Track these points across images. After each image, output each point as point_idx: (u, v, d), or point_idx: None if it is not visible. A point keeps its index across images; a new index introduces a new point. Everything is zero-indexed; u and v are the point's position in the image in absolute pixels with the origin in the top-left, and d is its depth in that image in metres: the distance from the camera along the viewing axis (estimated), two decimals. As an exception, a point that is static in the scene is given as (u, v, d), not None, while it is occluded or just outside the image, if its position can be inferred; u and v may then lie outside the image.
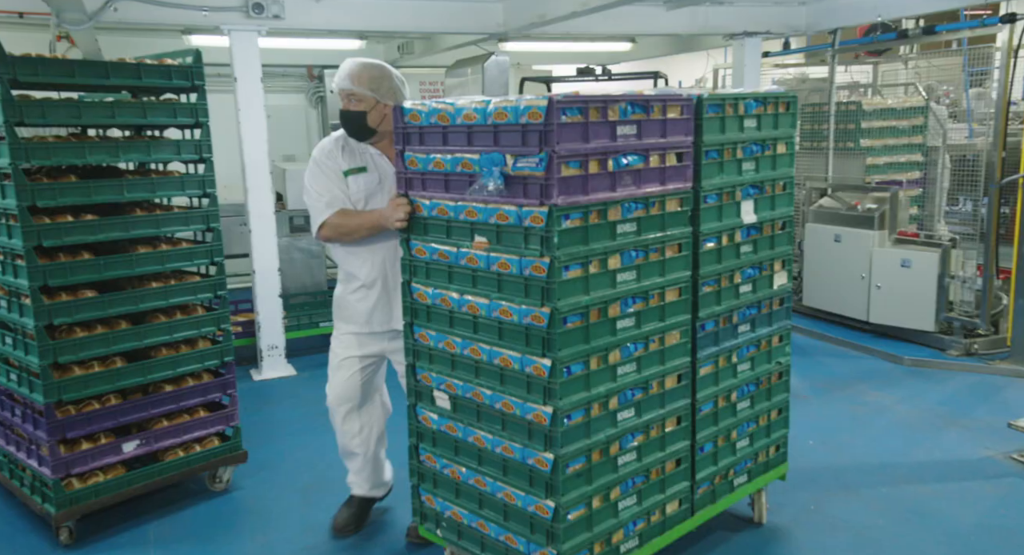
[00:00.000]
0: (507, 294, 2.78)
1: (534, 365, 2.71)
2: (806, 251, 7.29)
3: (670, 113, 2.90)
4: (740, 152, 3.23)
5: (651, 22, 7.41)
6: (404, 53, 8.94)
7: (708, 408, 3.26)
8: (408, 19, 6.64)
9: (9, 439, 3.95)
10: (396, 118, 3.04)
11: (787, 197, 3.50)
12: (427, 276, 3.06)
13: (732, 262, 3.24)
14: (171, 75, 3.85)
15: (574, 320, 2.70)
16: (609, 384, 2.84)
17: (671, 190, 2.94)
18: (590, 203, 2.68)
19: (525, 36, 7.62)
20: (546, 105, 2.54)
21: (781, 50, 8.23)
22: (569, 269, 2.66)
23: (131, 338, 3.82)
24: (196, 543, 3.76)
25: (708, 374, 3.24)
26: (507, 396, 2.83)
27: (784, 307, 3.57)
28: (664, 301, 2.98)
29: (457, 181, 2.88)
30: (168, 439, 3.96)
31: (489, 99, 2.76)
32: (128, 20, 5.55)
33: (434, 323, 3.07)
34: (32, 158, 3.48)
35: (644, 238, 2.88)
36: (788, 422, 3.71)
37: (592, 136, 2.66)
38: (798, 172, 7.65)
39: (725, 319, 3.27)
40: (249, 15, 5.69)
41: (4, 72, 3.34)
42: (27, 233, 3.45)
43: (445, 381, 3.06)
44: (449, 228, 2.95)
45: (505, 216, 2.73)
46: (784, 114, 3.42)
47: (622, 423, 2.90)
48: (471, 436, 2.99)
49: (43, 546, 3.73)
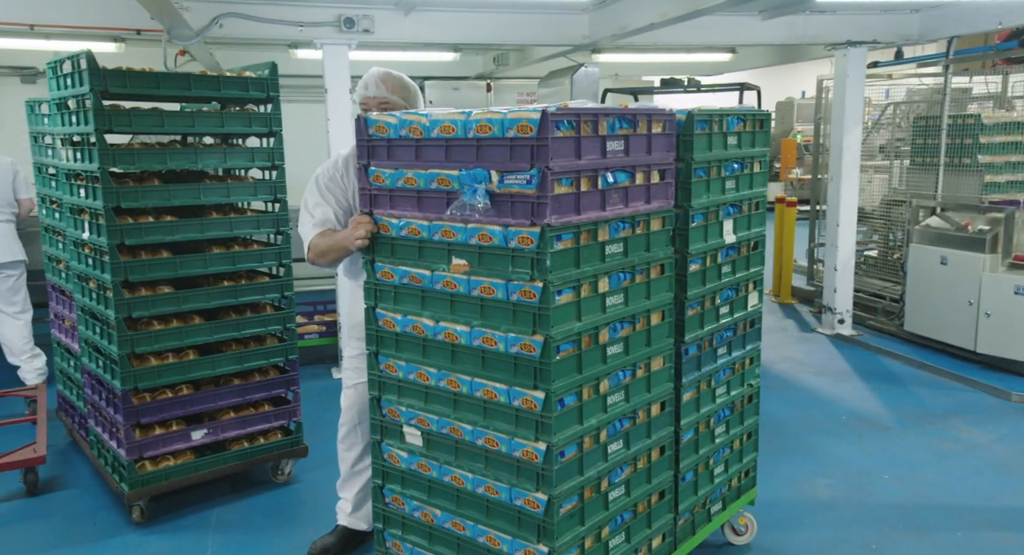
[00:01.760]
0: (491, 321, 2.56)
1: (524, 397, 2.50)
2: (910, 273, 6.87)
3: (654, 128, 2.76)
4: (723, 170, 3.13)
5: (746, 33, 7.18)
6: (499, 64, 9.09)
7: (690, 436, 3.12)
8: (494, 32, 6.77)
9: (98, 421, 4.29)
10: (359, 129, 2.79)
11: (759, 217, 3.41)
12: (395, 301, 2.81)
13: (715, 283, 3.13)
14: (248, 87, 4.13)
15: (567, 348, 2.51)
16: (600, 415, 2.65)
17: (655, 208, 2.79)
18: (582, 223, 2.50)
19: (617, 47, 7.58)
20: (538, 118, 2.35)
21: (893, 60, 7.84)
22: (562, 293, 2.47)
23: (203, 333, 4.07)
24: (252, 530, 3.92)
25: (691, 400, 3.10)
26: (491, 431, 2.61)
27: (755, 328, 3.48)
28: (650, 325, 2.83)
29: (432, 199, 2.64)
30: (233, 430, 4.19)
31: (471, 110, 2.55)
32: (232, 35, 5.92)
33: (404, 352, 2.82)
34: (119, 163, 3.79)
35: (631, 259, 2.72)
36: (757, 445, 3.61)
37: (584, 151, 2.49)
38: (906, 188, 7.47)
39: (707, 342, 3.15)
40: (341, 30, 6.02)
41: (96, 84, 3.66)
42: (111, 231, 3.77)
43: (417, 415, 2.81)
44: (421, 249, 2.71)
45: (489, 237, 2.51)
46: (759, 132, 3.33)
47: (613, 456, 2.72)
48: (448, 475, 2.75)
49: (119, 522, 4.01)
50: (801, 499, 4.17)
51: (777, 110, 17.86)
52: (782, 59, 9.36)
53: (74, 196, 4.14)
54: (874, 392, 5.88)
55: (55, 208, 4.67)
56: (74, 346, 4.60)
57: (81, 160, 3.95)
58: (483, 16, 6.67)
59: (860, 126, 7.32)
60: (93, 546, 3.80)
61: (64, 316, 4.80)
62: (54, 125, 4.33)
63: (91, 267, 4.05)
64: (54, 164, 4.49)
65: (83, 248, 4.14)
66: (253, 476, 4.45)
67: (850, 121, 7.18)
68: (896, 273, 7.61)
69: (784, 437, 4.99)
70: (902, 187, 7.76)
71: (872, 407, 5.56)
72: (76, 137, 4.01)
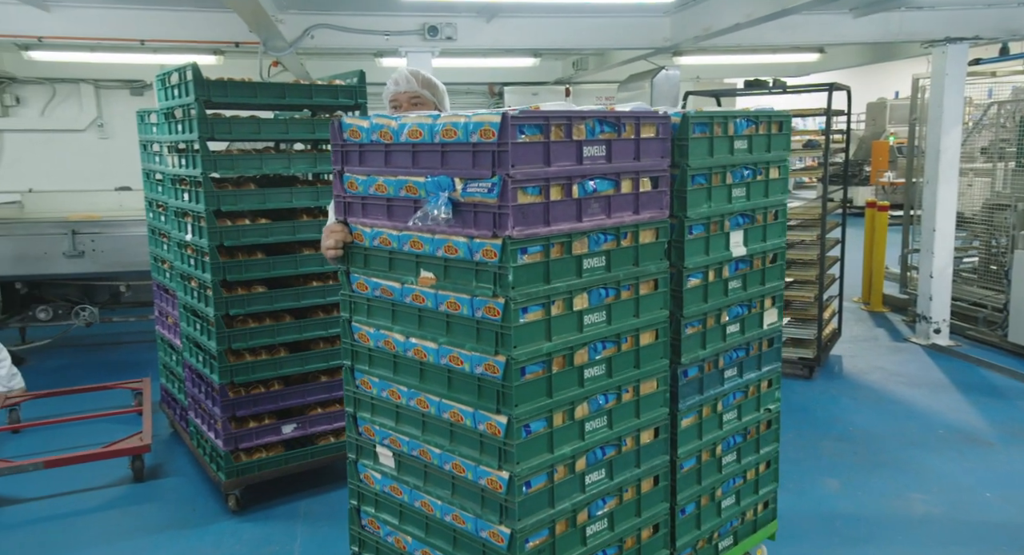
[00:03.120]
0: (457, 338, 2.40)
1: (488, 422, 2.33)
2: (1014, 281, 6.62)
3: (644, 132, 2.54)
4: (729, 177, 2.87)
5: (836, 31, 7.02)
6: (578, 69, 9.27)
7: (690, 464, 2.88)
8: (577, 36, 6.88)
9: (198, 413, 4.51)
10: (334, 133, 2.67)
11: (779, 227, 3.13)
12: (369, 314, 2.68)
13: (719, 300, 2.87)
14: (338, 95, 4.29)
15: (534, 370, 2.32)
16: (576, 443, 2.45)
17: (645, 219, 2.57)
18: (551, 234, 2.31)
19: (700, 49, 7.59)
20: (499, 121, 2.18)
21: (997, 56, 7.50)
22: (528, 311, 2.29)
23: (293, 331, 4.24)
24: (338, 522, 3.92)
25: (690, 426, 2.86)
26: (457, 457, 2.44)
27: (774, 348, 3.20)
28: (639, 345, 2.60)
29: (401, 207, 2.50)
30: (321, 425, 4.35)
31: (438, 113, 2.39)
32: (323, 46, 6.33)
33: (377, 368, 2.68)
34: (219, 168, 4.01)
35: (615, 274, 2.50)
36: (777, 475, 3.32)
37: (554, 158, 2.29)
38: (1011, 192, 7.16)
39: (710, 364, 2.90)
40: (425, 38, 6.33)
41: (200, 94, 3.86)
42: (212, 233, 3.96)
43: (389, 435, 2.67)
44: (392, 260, 2.57)
45: (454, 249, 2.35)
46: (778, 135, 3.06)
47: (591, 487, 2.51)
48: (418, 501, 2.60)
49: (216, 509, 4.22)
50: (893, 514, 4.00)
51: (868, 111, 17.07)
52: (873, 58, 8.95)
53: (178, 200, 4.38)
54: (974, 405, 5.56)
55: (161, 211, 4.94)
56: (176, 342, 4.84)
57: (185, 166, 4.16)
58: (564, 21, 6.79)
59: (959, 127, 6.94)
60: (195, 531, 4.01)
61: (167, 313, 5.06)
62: (161, 133, 4.58)
63: (193, 267, 4.27)
64: (161, 170, 4.76)
65: (186, 249, 4.37)
66: (339, 470, 4.43)
67: (948, 122, 6.82)
68: (999, 281, 7.26)
69: (876, 450, 4.80)
70: (1006, 190, 7.37)
71: (972, 421, 5.26)
72: (181, 144, 4.24)
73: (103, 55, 7.67)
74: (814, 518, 3.95)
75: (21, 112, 9.39)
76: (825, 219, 6.16)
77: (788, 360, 6.06)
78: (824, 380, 6.17)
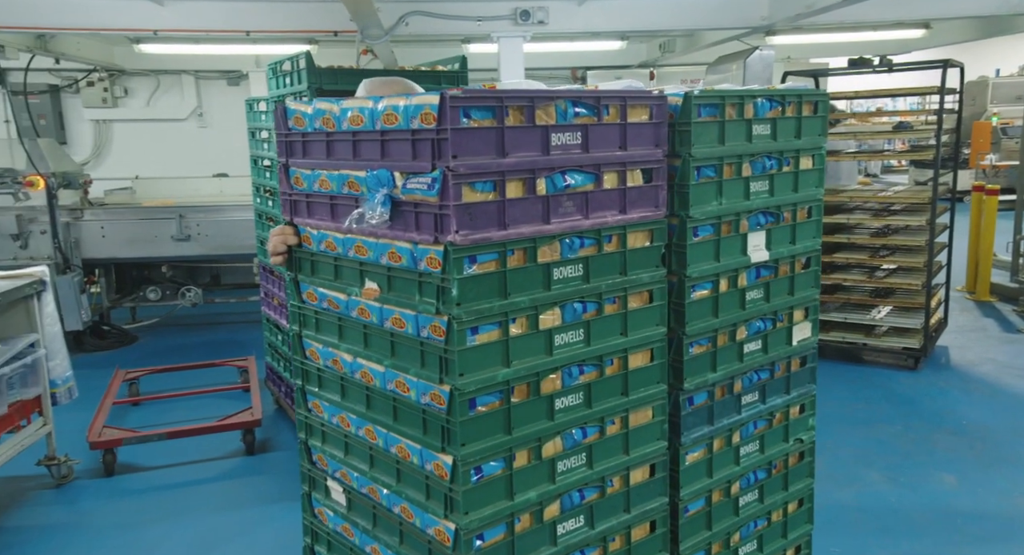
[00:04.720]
0: (403, 361, 2.04)
1: (435, 462, 1.96)
2: None
3: (633, 116, 2.11)
4: (747, 168, 2.41)
5: (947, 5, 6.73)
6: (665, 51, 9.14)
7: (697, 507, 2.44)
8: (669, 17, 6.78)
9: None
10: (278, 122, 2.32)
11: (813, 226, 2.65)
12: (317, 329, 2.34)
13: (734, 314, 2.42)
14: (440, 80, 4.25)
15: (488, 401, 1.94)
16: (544, 486, 2.06)
17: (635, 219, 2.15)
18: (509, 239, 1.91)
19: (795, 28, 7.44)
20: (438, 103, 1.79)
21: None
22: (478, 331, 1.90)
23: None
24: None
25: (697, 462, 2.42)
26: (404, 500, 2.08)
27: (807, 368, 2.72)
28: (627, 368, 2.19)
29: (344, 206, 2.14)
30: None
31: (380, 96, 2.02)
32: (417, 32, 6.47)
33: (326, 391, 2.34)
34: None
35: (595, 285, 2.09)
36: (812, 516, 2.85)
37: (511, 146, 1.90)
38: None
39: (723, 388, 2.45)
40: (517, 22, 6.34)
41: (313, 81, 3.99)
42: None
43: (340, 468, 2.33)
44: (337, 268, 2.22)
45: (398, 256, 1.98)
46: (811, 118, 2.58)
47: (565, 538, 2.12)
48: (368, 546, 2.25)
49: None
50: (1019, 513, 3.77)
51: (967, 90, 16.10)
52: (983, 34, 8.31)
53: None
54: (1095, 401, 5.12)
55: (268, 196, 5.03)
56: (282, 322, 4.83)
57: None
58: (655, 2, 6.70)
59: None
60: (305, 503, 4.13)
61: (273, 294, 5.10)
62: (271, 121, 4.55)
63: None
64: (269, 156, 4.86)
65: None
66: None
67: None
68: None
69: (993, 445, 4.53)
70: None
71: (1095, 418, 4.85)
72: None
73: (204, 47, 8.00)
74: (932, 514, 3.74)
75: (129, 103, 9.82)
76: (936, 203, 5.75)
77: (891, 350, 5.89)
78: (931, 371, 5.83)
